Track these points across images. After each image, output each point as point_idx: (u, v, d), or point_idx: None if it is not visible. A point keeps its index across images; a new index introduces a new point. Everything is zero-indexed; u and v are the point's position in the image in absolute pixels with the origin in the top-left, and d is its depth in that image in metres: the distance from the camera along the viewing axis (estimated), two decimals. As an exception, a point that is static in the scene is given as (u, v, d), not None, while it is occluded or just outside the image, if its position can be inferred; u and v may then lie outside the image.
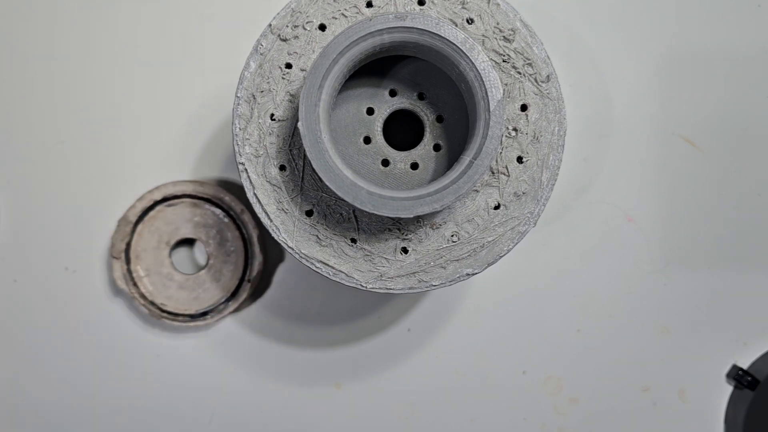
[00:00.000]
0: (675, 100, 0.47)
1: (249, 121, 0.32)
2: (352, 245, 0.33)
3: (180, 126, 0.47)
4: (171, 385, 0.48)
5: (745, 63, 0.47)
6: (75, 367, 0.48)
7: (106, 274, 0.48)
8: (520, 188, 0.33)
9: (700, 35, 0.47)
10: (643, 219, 0.48)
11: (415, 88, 0.35)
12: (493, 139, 0.29)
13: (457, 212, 0.33)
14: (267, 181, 0.32)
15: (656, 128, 0.48)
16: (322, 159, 0.29)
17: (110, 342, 0.48)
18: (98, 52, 0.47)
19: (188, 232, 0.46)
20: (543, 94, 0.32)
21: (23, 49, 0.47)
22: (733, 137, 0.48)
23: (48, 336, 0.48)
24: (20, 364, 0.48)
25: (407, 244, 0.33)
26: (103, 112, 0.47)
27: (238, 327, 0.48)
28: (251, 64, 0.32)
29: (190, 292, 0.46)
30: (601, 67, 0.47)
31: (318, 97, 0.29)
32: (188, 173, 0.47)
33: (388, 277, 0.33)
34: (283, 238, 0.33)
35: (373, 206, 0.29)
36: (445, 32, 0.29)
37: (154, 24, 0.47)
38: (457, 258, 0.33)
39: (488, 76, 0.29)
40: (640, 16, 0.47)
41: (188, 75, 0.47)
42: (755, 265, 0.48)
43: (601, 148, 0.48)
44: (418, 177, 0.34)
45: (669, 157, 0.48)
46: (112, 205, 0.47)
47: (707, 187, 0.48)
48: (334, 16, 0.32)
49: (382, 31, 0.29)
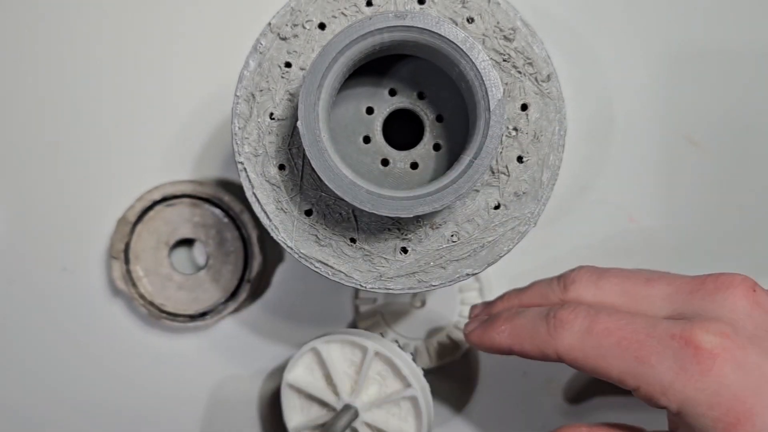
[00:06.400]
0: (676, 99, 0.47)
1: (248, 120, 0.32)
2: (351, 245, 0.33)
3: (179, 126, 0.47)
4: (171, 386, 0.48)
5: (747, 62, 0.47)
6: (74, 367, 0.48)
7: (104, 274, 0.47)
8: (521, 188, 0.32)
9: (701, 35, 0.47)
10: (645, 219, 0.47)
11: (415, 87, 0.34)
12: (493, 138, 0.29)
13: (457, 212, 0.33)
14: (266, 181, 0.32)
15: (658, 128, 0.47)
16: (322, 158, 0.29)
17: (109, 342, 0.48)
18: (98, 51, 0.47)
19: (187, 233, 0.46)
20: (543, 93, 0.32)
21: (23, 49, 0.47)
22: (735, 137, 0.47)
23: (46, 336, 0.48)
24: (19, 365, 0.48)
25: (407, 244, 0.33)
26: (101, 111, 0.47)
27: (238, 327, 0.48)
28: (250, 63, 0.32)
29: (190, 292, 0.46)
30: (602, 67, 0.47)
31: (317, 96, 0.29)
32: (187, 173, 0.47)
33: (388, 277, 0.33)
34: (282, 238, 0.33)
35: (372, 206, 0.29)
36: (445, 31, 0.29)
37: (153, 23, 0.47)
38: (457, 258, 0.33)
39: (488, 76, 0.29)
40: (642, 16, 0.47)
41: (187, 74, 0.47)
42: (755, 265, 0.48)
43: (602, 148, 0.47)
44: (417, 177, 0.34)
45: (671, 157, 0.47)
46: (110, 206, 0.47)
47: (709, 187, 0.48)
48: (333, 14, 0.32)
49: (381, 30, 0.29)
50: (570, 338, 0.29)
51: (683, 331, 0.26)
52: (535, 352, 0.31)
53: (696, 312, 0.28)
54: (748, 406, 0.25)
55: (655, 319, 0.28)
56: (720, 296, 0.28)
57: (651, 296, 0.30)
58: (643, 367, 0.27)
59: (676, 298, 0.29)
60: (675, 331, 0.27)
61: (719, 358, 0.26)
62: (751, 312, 0.28)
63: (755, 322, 0.27)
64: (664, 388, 0.27)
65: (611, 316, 0.29)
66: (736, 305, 0.28)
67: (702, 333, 0.26)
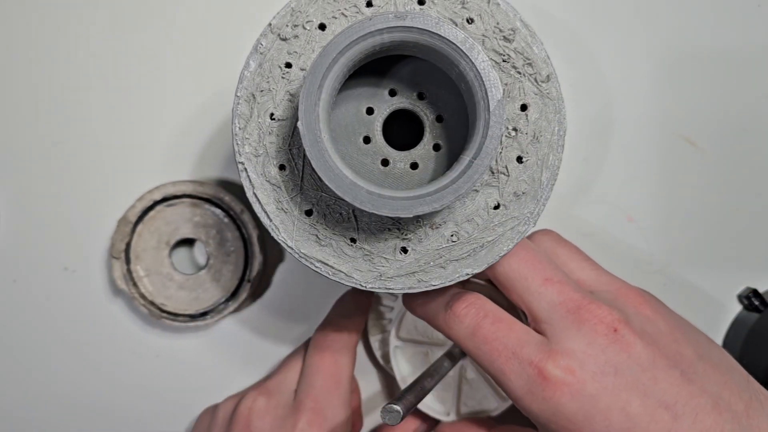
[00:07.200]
0: (675, 100, 0.47)
1: (248, 121, 0.32)
2: (351, 245, 0.33)
3: (179, 126, 0.47)
4: (171, 385, 0.48)
5: (746, 63, 0.47)
6: (74, 366, 0.48)
7: (105, 274, 0.48)
8: (520, 188, 0.33)
9: (700, 35, 0.47)
10: (643, 219, 0.48)
11: (415, 87, 0.35)
12: (493, 138, 0.29)
13: (457, 212, 0.33)
14: (266, 181, 0.32)
15: (656, 128, 0.48)
16: (322, 158, 0.29)
17: (110, 342, 0.48)
18: (98, 51, 0.47)
19: (188, 232, 0.46)
20: (543, 93, 0.32)
21: (23, 49, 0.47)
22: (733, 137, 0.48)
23: (48, 336, 0.48)
24: (20, 364, 0.48)
25: (407, 243, 0.33)
26: (102, 111, 0.47)
27: (238, 327, 0.48)
28: (251, 64, 0.32)
29: (190, 292, 0.46)
30: (602, 67, 0.47)
31: (318, 97, 0.29)
32: (188, 173, 0.47)
33: (388, 277, 0.33)
34: (283, 238, 0.33)
35: (372, 206, 0.29)
36: (444, 32, 0.29)
37: (153, 23, 0.47)
38: (456, 258, 0.33)
39: (488, 76, 0.29)
40: (641, 16, 0.47)
41: (188, 75, 0.47)
42: (756, 265, 0.48)
43: (601, 148, 0.48)
44: (417, 177, 0.34)
45: (669, 157, 0.48)
46: (111, 205, 0.47)
47: (707, 186, 0.48)
48: (334, 15, 0.32)
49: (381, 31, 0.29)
50: (458, 333, 0.35)
51: (540, 361, 0.32)
52: (437, 330, 0.37)
53: (562, 333, 0.33)
54: (578, 426, 0.32)
55: (525, 339, 0.33)
56: (586, 328, 0.33)
57: (541, 295, 0.34)
58: (504, 378, 0.33)
59: (556, 310, 0.34)
60: (534, 359, 0.32)
61: (559, 389, 0.32)
62: (606, 348, 0.32)
63: (606, 358, 0.32)
64: (516, 399, 0.33)
65: (493, 326, 0.34)
66: (595, 340, 0.33)
67: (552, 367, 0.32)
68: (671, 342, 0.34)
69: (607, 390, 0.32)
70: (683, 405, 0.32)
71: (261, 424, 0.42)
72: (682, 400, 0.32)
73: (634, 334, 0.33)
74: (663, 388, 0.32)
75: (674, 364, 0.33)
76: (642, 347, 0.33)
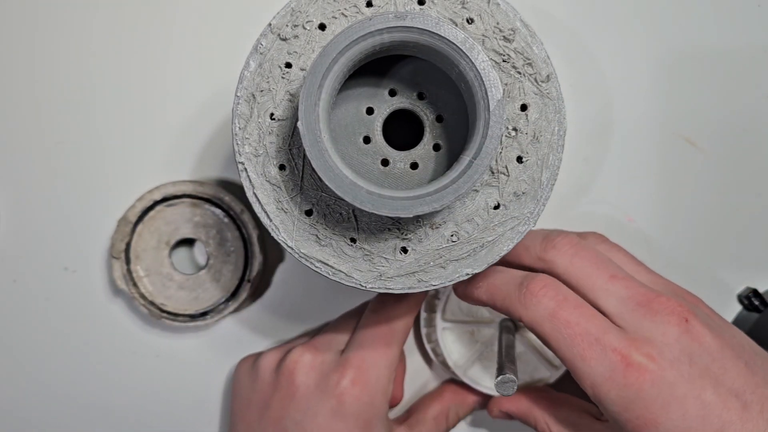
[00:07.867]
0: (675, 100, 0.47)
1: (248, 121, 0.32)
2: (351, 245, 0.33)
3: (180, 126, 0.47)
4: (171, 385, 0.48)
5: (746, 63, 0.47)
6: (75, 367, 0.48)
7: (105, 274, 0.48)
8: (520, 188, 0.33)
9: (700, 35, 0.47)
10: (643, 219, 0.48)
11: (415, 87, 0.35)
12: (493, 138, 0.29)
13: (457, 212, 0.33)
14: (266, 181, 0.32)
15: (656, 128, 0.48)
16: (322, 158, 0.29)
17: (110, 342, 0.48)
18: (98, 51, 0.47)
19: (188, 232, 0.46)
20: (543, 93, 0.32)
21: (24, 49, 0.47)
22: (733, 137, 0.48)
23: (48, 336, 0.48)
24: (20, 364, 0.48)
25: (407, 243, 0.33)
26: (102, 111, 0.47)
27: (238, 327, 0.48)
28: (251, 64, 0.32)
29: (190, 292, 0.46)
30: (601, 67, 0.47)
31: (318, 97, 0.29)
32: (188, 173, 0.47)
33: (388, 277, 0.33)
34: (283, 238, 0.33)
35: (372, 206, 0.29)
36: (444, 32, 0.29)
37: (153, 23, 0.47)
38: (456, 258, 0.33)
39: (488, 76, 0.29)
40: (641, 16, 0.47)
41: (188, 75, 0.47)
42: (756, 265, 0.48)
43: (601, 148, 0.48)
44: (417, 177, 0.34)
45: (669, 157, 0.48)
46: (111, 205, 0.47)
47: (707, 187, 0.48)
48: (333, 15, 0.32)
49: (381, 31, 0.29)
50: (535, 314, 0.35)
51: (623, 348, 0.33)
52: (505, 311, 0.36)
53: (636, 325, 0.34)
54: (654, 415, 0.32)
55: (606, 326, 0.34)
56: (658, 319, 0.34)
57: (608, 291, 0.35)
58: (583, 363, 0.33)
59: (625, 304, 0.35)
60: (617, 345, 0.33)
61: (642, 375, 0.32)
62: (680, 338, 0.33)
63: (681, 347, 0.33)
64: (594, 385, 0.33)
65: (575, 310, 0.34)
66: (669, 330, 0.33)
67: (635, 353, 0.33)
68: (732, 335, 0.35)
69: (684, 378, 0.32)
70: (751, 393, 0.33)
71: (305, 379, 0.41)
72: (750, 389, 0.33)
73: (703, 325, 0.34)
74: (732, 377, 0.33)
75: (738, 355, 0.34)
76: (711, 338, 0.34)
